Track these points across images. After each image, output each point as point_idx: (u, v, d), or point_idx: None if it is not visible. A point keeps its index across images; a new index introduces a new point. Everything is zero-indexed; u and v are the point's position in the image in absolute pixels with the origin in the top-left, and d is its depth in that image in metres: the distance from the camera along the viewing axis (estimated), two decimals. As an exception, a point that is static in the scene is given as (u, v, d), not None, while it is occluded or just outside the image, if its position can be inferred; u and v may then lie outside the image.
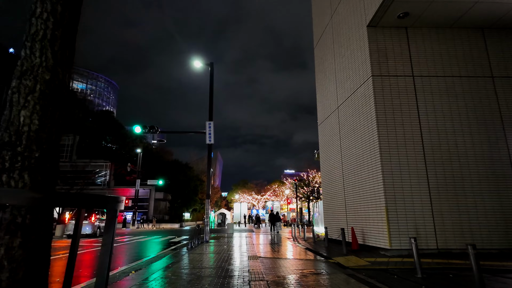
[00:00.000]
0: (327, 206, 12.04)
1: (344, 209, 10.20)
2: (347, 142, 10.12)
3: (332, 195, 11.48)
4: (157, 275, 5.65)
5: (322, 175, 12.73)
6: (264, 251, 9.58)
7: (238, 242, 13.01)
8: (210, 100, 14.96)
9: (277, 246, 11.28)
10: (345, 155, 10.23)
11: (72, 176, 33.56)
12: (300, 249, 10.12)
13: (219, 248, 10.34)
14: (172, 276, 5.59)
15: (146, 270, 6.27)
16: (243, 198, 59.86)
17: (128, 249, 11.15)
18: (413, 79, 8.51)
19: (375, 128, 8.20)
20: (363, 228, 8.78)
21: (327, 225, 11.57)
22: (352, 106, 9.75)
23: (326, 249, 9.49)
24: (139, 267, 6.94)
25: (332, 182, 11.44)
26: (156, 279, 5.30)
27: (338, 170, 10.85)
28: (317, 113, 13.39)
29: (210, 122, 14.64)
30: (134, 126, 14.32)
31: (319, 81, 13.33)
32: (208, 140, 14.51)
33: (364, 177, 8.80)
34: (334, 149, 11.32)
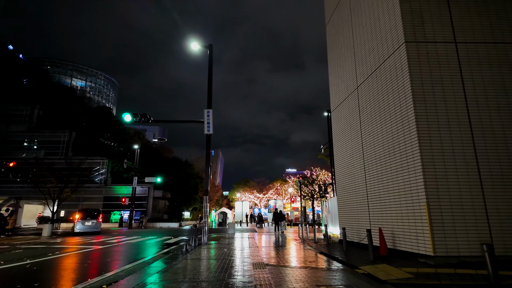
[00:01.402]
0: (343, 203, 10.47)
1: (366, 206, 8.63)
2: (370, 127, 8.53)
3: (349, 191, 9.91)
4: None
5: (337, 168, 11.16)
6: (271, 256, 8.03)
7: (240, 244, 11.47)
8: (208, 86, 13.41)
9: (285, 249, 9.73)
10: (368, 142, 8.65)
11: (67, 174, 32.14)
12: (313, 253, 8.55)
13: (219, 252, 8.80)
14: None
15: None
16: (245, 197, 58.35)
17: (114, 253, 9.62)
18: (456, 46, 6.92)
19: (411, 107, 6.62)
20: (393, 230, 7.21)
21: (344, 225, 10.00)
22: (377, 84, 8.16)
23: (345, 254, 7.92)
24: (114, 279, 5.41)
25: (350, 175, 9.86)
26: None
27: (357, 160, 9.28)
28: (330, 98, 11.80)
29: (208, 110, 13.10)
30: (124, 114, 12.79)
31: (332, 61, 11.73)
32: (207, 130, 12.97)
33: (394, 167, 7.23)
34: (352, 136, 9.74)
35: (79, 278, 5.70)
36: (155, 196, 40.30)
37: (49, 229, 18.17)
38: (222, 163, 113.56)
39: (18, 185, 35.59)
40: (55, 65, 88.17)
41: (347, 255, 7.73)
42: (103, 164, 40.25)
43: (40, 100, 44.58)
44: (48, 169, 31.23)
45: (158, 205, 42.06)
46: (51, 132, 40.07)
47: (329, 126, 22.63)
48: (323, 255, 8.07)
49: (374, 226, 8.08)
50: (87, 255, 8.99)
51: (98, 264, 7.43)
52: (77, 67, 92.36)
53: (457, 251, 5.84)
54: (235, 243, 11.76)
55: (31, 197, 35.47)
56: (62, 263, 7.57)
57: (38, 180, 30.42)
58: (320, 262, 6.93)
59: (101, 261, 7.83)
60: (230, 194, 68.45)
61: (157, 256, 8.65)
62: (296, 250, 9.52)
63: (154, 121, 13.25)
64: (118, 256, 9.00)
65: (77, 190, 32.74)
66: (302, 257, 7.86)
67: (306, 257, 7.85)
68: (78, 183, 32.23)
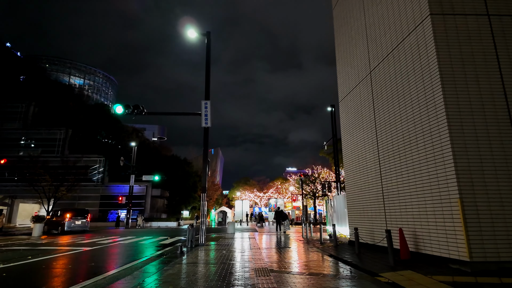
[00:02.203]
0: (353, 201, 9.58)
1: (382, 204, 7.73)
2: (386, 115, 7.63)
3: (361, 187, 9.01)
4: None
5: (346, 163, 10.26)
6: (275, 259, 7.15)
7: (240, 245, 10.60)
8: (206, 76, 12.52)
9: (289, 251, 8.84)
10: (383, 132, 7.75)
11: (63, 172, 31.24)
12: (322, 256, 7.67)
13: (217, 255, 7.92)
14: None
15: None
16: (245, 195, 57.50)
17: (102, 256, 8.74)
18: (489, 18, 6.02)
19: (439, 89, 5.73)
20: (416, 230, 6.32)
21: (355, 225, 9.11)
22: (394, 66, 7.26)
23: (358, 258, 7.03)
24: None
25: (361, 170, 8.97)
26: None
27: (371, 153, 8.38)
28: (338, 87, 10.89)
29: (206, 102, 12.21)
30: (115, 105, 11.90)
31: (341, 47, 10.81)
32: (204, 122, 12.08)
33: (417, 158, 6.33)
34: (364, 127, 8.84)
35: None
36: (153, 194, 39.42)
37: (39, 229, 17.28)
38: (222, 162, 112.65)
39: (12, 183, 34.68)
40: (53, 62, 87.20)
41: (361, 259, 6.85)
42: (100, 162, 39.38)
43: (36, 97, 43.68)
44: (43, 167, 30.34)
45: (156, 204, 41.19)
46: (47, 130, 39.16)
47: (333, 122, 21.73)
48: (334, 259, 7.18)
49: (392, 226, 7.19)
50: (71, 258, 8.10)
51: (79, 269, 6.54)
52: (75, 64, 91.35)
53: (497, 256, 4.96)
54: (235, 244, 10.89)
55: (26, 196, 34.61)
56: (37, 267, 6.68)
57: (32, 178, 29.56)
58: (333, 268, 6.05)
59: (83, 266, 6.94)
60: (230, 193, 67.60)
61: (148, 259, 7.77)
62: (302, 252, 8.63)
63: (148, 113, 12.35)
64: (105, 259, 8.11)
65: (73, 189, 31.88)
66: (310, 261, 6.98)
67: (314, 261, 6.97)
68: (73, 181, 31.39)
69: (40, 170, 29.60)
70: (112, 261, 7.66)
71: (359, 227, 8.75)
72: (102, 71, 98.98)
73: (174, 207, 39.09)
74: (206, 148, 12.04)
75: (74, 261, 7.54)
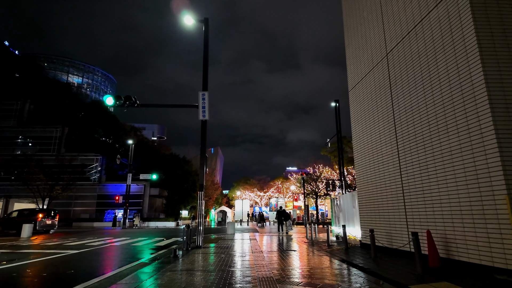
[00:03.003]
0: (366, 199, 8.67)
1: (402, 202, 6.83)
2: (407, 101, 6.72)
3: (375, 184, 8.11)
4: None
5: (357, 158, 9.35)
6: (281, 266, 6.24)
7: (241, 247, 9.70)
8: (204, 65, 11.61)
9: (295, 255, 7.94)
10: (404, 121, 6.83)
11: (58, 171, 30.34)
12: (333, 262, 6.76)
13: (215, 260, 7.02)
14: None
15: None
16: (245, 195, 56.63)
17: (85, 261, 7.84)
18: (534, -17, 5.11)
19: (478, 65, 4.82)
20: (447, 233, 5.41)
21: (368, 226, 8.21)
22: (418, 44, 6.35)
23: (376, 264, 6.13)
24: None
25: (376, 165, 8.07)
26: None
27: (388, 145, 7.48)
28: (348, 75, 9.98)
29: (204, 93, 11.31)
30: (106, 96, 11.00)
31: (351, 30, 9.89)
32: (202, 115, 11.18)
33: (447, 149, 5.43)
34: (379, 116, 7.94)
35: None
36: (152, 194, 38.54)
37: (29, 229, 16.38)
38: (222, 161, 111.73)
39: (7, 183, 33.74)
40: (51, 61, 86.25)
41: (380, 266, 5.94)
42: (97, 161, 38.45)
43: (32, 94, 42.77)
44: (37, 166, 29.46)
45: (154, 203, 40.30)
46: (42, 128, 38.25)
47: (337, 118, 20.83)
48: (348, 265, 6.27)
49: (415, 228, 6.29)
50: (50, 263, 7.20)
51: (52, 278, 5.63)
52: (73, 63, 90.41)
53: (555, 264, 4.05)
54: (235, 247, 9.98)
55: (21, 196, 33.66)
56: (6, 276, 5.78)
57: (26, 177, 28.67)
58: (351, 277, 5.14)
59: (59, 273, 6.04)
60: (230, 193, 66.78)
61: (137, 265, 6.87)
62: (310, 256, 7.73)
63: (141, 105, 11.45)
64: (88, 264, 7.21)
65: (68, 188, 31.00)
66: (321, 267, 6.07)
67: (326, 267, 6.06)
68: (69, 180, 30.50)
69: (34, 168, 28.74)
70: (94, 268, 6.76)
71: (376, 229, 7.84)
72: (101, 69, 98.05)
73: (173, 206, 38.21)
74: (204, 142, 11.14)
75: (51, 268, 6.64)
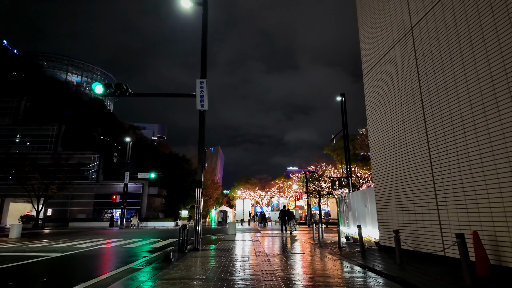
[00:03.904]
0: (385, 196, 7.71)
1: (433, 198, 5.87)
2: (439, 79, 5.77)
3: (397, 177, 7.15)
4: None
5: (374, 149, 8.38)
6: (291, 274, 5.29)
7: (243, 250, 8.75)
8: (202, 50, 10.67)
9: (305, 260, 6.99)
10: (435, 102, 5.87)
11: (54, 170, 29.41)
12: (352, 268, 5.81)
13: (214, 265, 6.08)
14: None
15: None
16: (246, 194, 55.70)
17: (64, 267, 6.91)
18: None
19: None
20: (497, 235, 4.46)
21: (388, 226, 7.25)
22: (454, 9, 5.39)
23: (404, 271, 5.18)
24: None
25: (398, 156, 7.11)
26: None
27: (413, 132, 6.52)
28: (362, 58, 9.03)
29: (202, 81, 10.37)
30: (94, 84, 10.06)
31: (366, 7, 8.90)
32: (200, 104, 10.24)
33: (499, 130, 4.47)
34: (402, 100, 6.98)
35: None
36: (150, 193, 37.62)
37: (18, 230, 15.47)
38: (223, 161, 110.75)
39: (2, 182, 32.82)
40: (49, 59, 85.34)
41: (412, 274, 4.99)
42: (95, 160, 37.54)
43: (28, 92, 41.89)
44: (32, 164, 28.56)
45: (153, 203, 39.37)
46: (39, 126, 37.33)
47: (343, 112, 19.87)
48: (372, 272, 5.32)
49: (451, 230, 5.33)
50: (23, 269, 6.28)
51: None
52: (72, 61, 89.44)
53: None
54: (237, 249, 9.03)
55: (16, 195, 32.77)
56: None
57: (20, 176, 27.80)
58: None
59: (25, 283, 5.09)
60: (231, 192, 65.83)
61: (122, 272, 5.93)
62: (323, 261, 6.77)
63: (134, 94, 10.50)
64: (66, 271, 6.28)
65: (64, 187, 30.07)
66: (340, 275, 5.11)
67: (348, 276, 5.11)
68: (65, 179, 29.58)
69: (28, 167, 27.85)
70: (72, 275, 5.82)
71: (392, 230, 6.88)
72: (100, 68, 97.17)
73: (172, 206, 37.27)
74: (203, 135, 10.19)
75: (21, 275, 5.70)
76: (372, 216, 10.26)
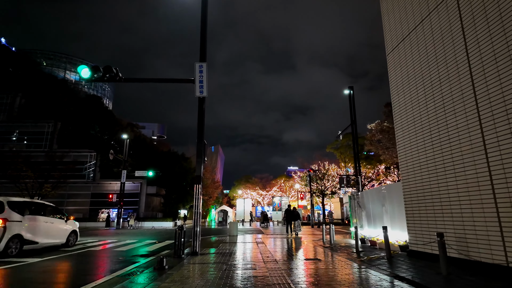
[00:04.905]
0: (416, 191, 6.57)
1: (490, 193, 4.73)
2: (498, 47, 4.63)
3: (434, 168, 6.01)
4: None
5: (401, 136, 7.24)
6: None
7: (249, 255, 7.63)
8: (202, 31, 9.54)
9: (325, 269, 5.87)
10: (495, 74, 4.73)
11: (49, 168, 28.27)
12: (394, 283, 4.68)
13: (215, 275, 4.96)
14: None
15: None
16: (246, 194, 54.60)
17: (38, 275, 5.80)
18: None
19: None
20: None
21: (422, 228, 6.12)
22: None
23: (449, 283, 4.06)
24: None
25: (437, 142, 5.96)
26: None
27: (459, 113, 5.39)
28: (385, 35, 7.91)
29: (201, 64, 9.26)
30: (80, 67, 8.94)
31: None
32: (199, 91, 9.13)
33: None
34: (442, 75, 5.84)
35: None
36: (149, 192, 36.48)
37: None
38: (223, 160, 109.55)
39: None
40: (47, 57, 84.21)
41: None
42: (91, 158, 36.42)
43: (24, 88, 40.77)
44: (25, 162, 27.46)
45: (152, 202, 38.25)
46: (34, 123, 36.21)
47: (351, 106, 18.75)
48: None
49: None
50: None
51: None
52: (71, 59, 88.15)
53: None
54: (241, 253, 7.92)
55: (10, 194, 31.58)
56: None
57: (12, 174, 26.72)
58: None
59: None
60: (231, 192, 64.77)
61: (103, 284, 4.81)
62: (345, 270, 5.65)
63: (126, 79, 9.39)
64: (35, 280, 5.17)
65: (59, 186, 28.92)
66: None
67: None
68: (59, 177, 28.46)
69: (21, 164, 26.76)
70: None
71: (429, 233, 5.75)
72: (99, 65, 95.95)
73: (171, 206, 36.20)
74: (202, 124, 9.07)
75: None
76: (391, 217, 9.16)
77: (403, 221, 8.18)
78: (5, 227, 7.61)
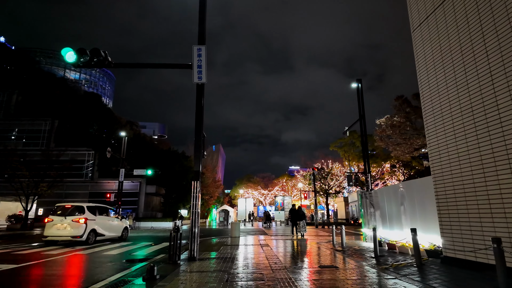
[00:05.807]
0: (453, 188, 5.58)
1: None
2: None
3: (479, 161, 5.02)
4: None
5: (432, 123, 6.23)
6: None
7: (254, 260, 6.67)
8: (200, 9, 8.56)
9: (347, 279, 4.91)
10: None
11: (45, 167, 27.39)
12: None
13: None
14: None
15: None
16: (248, 193, 53.67)
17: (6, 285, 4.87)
18: None
19: None
20: None
21: (460, 230, 5.14)
22: None
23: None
24: None
25: (480, 130, 4.98)
26: None
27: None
28: (409, 8, 6.91)
29: (200, 48, 8.30)
30: (64, 50, 8.01)
31: None
32: (197, 76, 8.17)
33: None
34: (488, 47, 4.84)
35: None
36: (148, 192, 35.55)
37: None
38: (224, 159, 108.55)
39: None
40: (47, 55, 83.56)
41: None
42: (89, 156, 35.55)
43: (20, 86, 39.94)
44: (21, 160, 26.64)
45: (151, 202, 37.32)
46: (30, 120, 35.34)
47: (359, 100, 17.73)
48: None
49: None
50: None
51: None
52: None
53: None
54: (244, 259, 6.95)
55: (5, 193, 30.78)
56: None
57: (7, 172, 25.90)
58: None
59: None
60: (232, 192, 63.90)
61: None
62: (371, 281, 4.67)
63: (116, 64, 8.44)
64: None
65: (56, 185, 28.06)
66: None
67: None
68: (56, 176, 27.60)
69: (15, 163, 25.91)
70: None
71: (471, 237, 4.76)
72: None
73: (171, 205, 35.29)
74: (201, 115, 8.11)
75: None
76: (411, 217, 8.18)
77: (427, 222, 7.22)
78: (86, 224, 10.58)
